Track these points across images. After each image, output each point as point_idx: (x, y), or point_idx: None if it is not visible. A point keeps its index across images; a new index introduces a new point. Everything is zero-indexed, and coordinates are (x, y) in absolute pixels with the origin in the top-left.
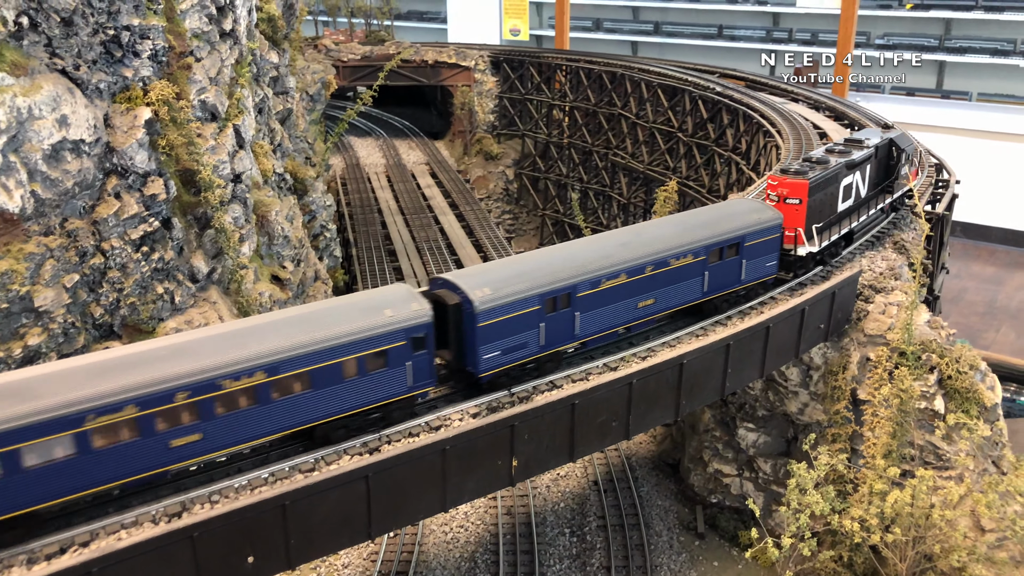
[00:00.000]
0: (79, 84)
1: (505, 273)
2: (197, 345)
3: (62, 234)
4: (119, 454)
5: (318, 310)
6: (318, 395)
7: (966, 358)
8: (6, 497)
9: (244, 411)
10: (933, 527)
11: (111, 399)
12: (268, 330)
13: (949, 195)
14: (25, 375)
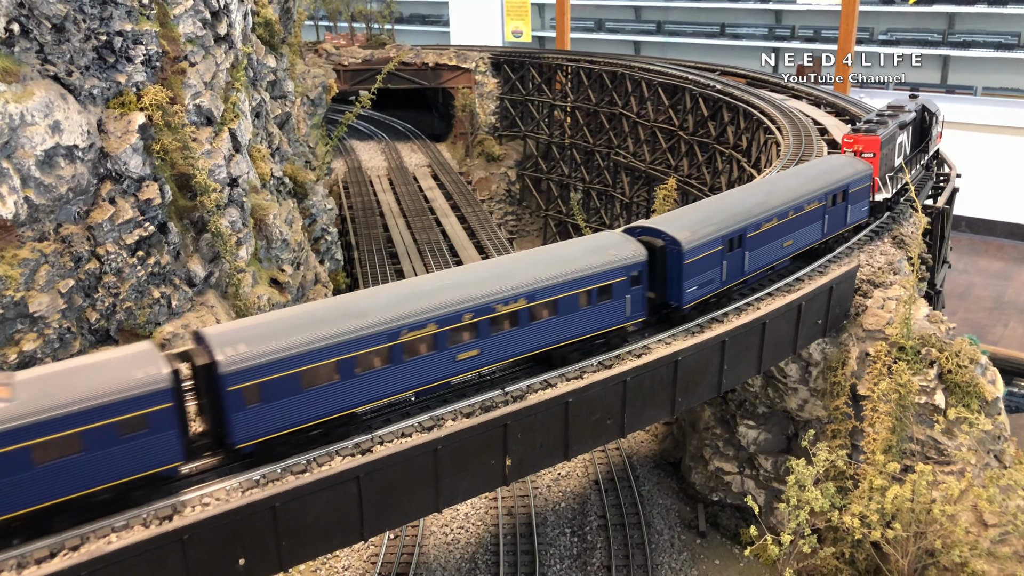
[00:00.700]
0: (72, 90)
1: (695, 218)
2: (477, 276)
3: (56, 239)
4: (420, 364)
5: (557, 251)
6: (560, 321)
7: (966, 352)
8: (341, 398)
9: (508, 332)
10: (934, 522)
11: (418, 318)
12: (526, 265)
13: (950, 189)
14: (356, 299)
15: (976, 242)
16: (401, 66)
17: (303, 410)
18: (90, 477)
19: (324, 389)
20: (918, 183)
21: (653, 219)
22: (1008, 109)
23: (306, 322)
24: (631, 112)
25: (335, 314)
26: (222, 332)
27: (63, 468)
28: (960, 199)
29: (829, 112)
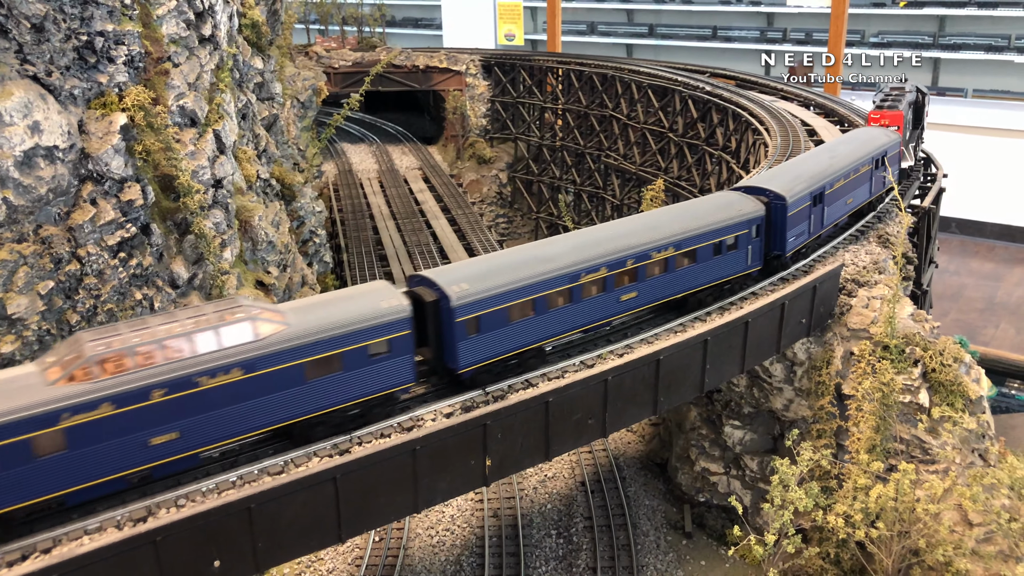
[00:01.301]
0: (52, 90)
1: (789, 176)
2: (632, 228)
3: (36, 241)
4: (592, 304)
5: (690, 207)
6: (698, 268)
7: (950, 351)
8: (535, 332)
9: (659, 276)
10: (918, 521)
11: (593, 262)
12: (669, 219)
13: (936, 189)
14: (543, 246)
15: (967, 243)
16: (392, 69)
17: (508, 341)
18: (345, 393)
19: (524, 323)
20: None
21: (756, 177)
22: (998, 111)
23: (508, 265)
24: (621, 114)
25: (529, 259)
26: (446, 273)
27: (326, 384)
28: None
29: (818, 113)
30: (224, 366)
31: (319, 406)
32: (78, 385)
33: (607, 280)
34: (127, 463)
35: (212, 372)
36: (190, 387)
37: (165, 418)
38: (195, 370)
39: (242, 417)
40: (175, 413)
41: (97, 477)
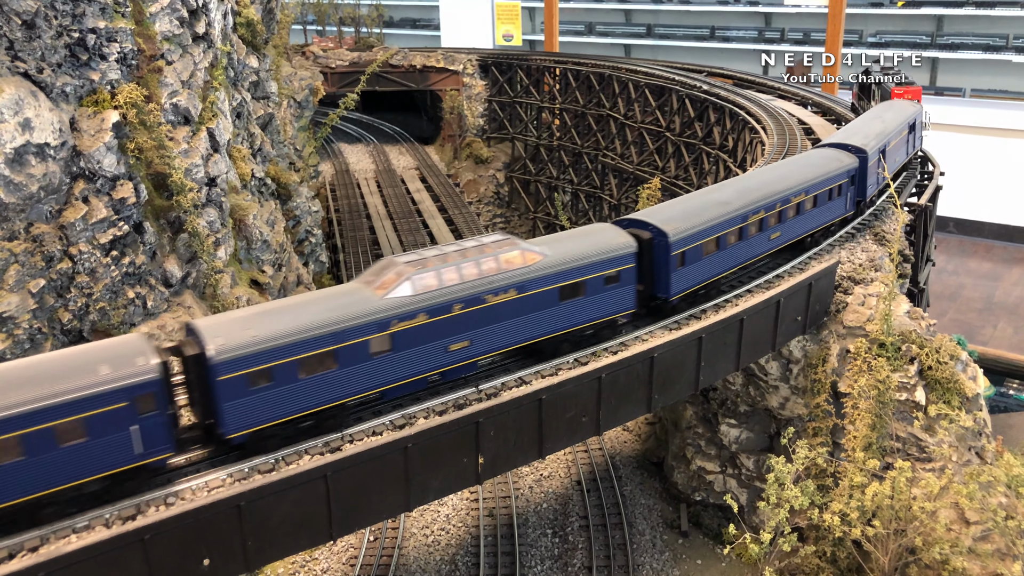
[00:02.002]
0: (43, 87)
1: (861, 136)
2: (772, 178)
3: (27, 239)
4: (750, 243)
5: (801, 161)
6: (817, 211)
7: (946, 348)
8: (713, 267)
9: (795, 218)
10: (914, 519)
11: (760, 203)
12: (792, 171)
13: (933, 186)
14: (716, 192)
15: (965, 243)
16: (389, 68)
17: (702, 273)
18: (586, 314)
19: (711, 257)
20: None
21: (841, 133)
22: (996, 111)
23: (697, 207)
24: (618, 114)
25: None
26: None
27: (572, 306)
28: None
29: (815, 112)
30: (504, 286)
31: (566, 325)
32: (406, 298)
33: (763, 221)
34: (431, 365)
35: (495, 291)
36: (480, 303)
37: (461, 328)
38: (484, 289)
39: (513, 331)
40: (467, 324)
41: (409, 375)
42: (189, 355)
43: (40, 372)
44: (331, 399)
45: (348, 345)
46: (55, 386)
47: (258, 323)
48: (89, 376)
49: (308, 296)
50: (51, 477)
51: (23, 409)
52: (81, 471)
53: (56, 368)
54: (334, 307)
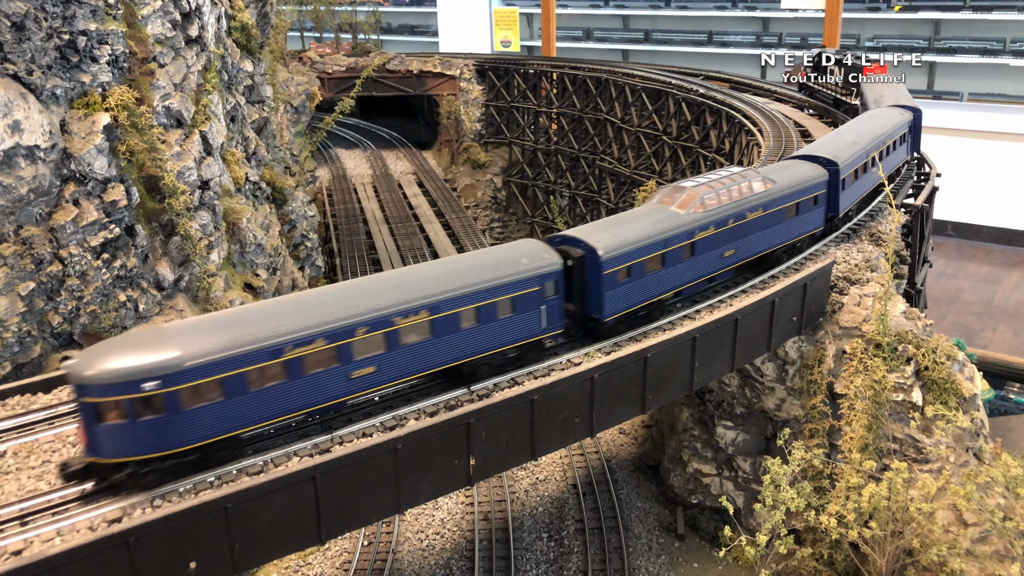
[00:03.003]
0: (33, 89)
1: (835, 148)
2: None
3: (17, 241)
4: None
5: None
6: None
7: (943, 348)
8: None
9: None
10: (911, 521)
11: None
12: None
13: (929, 188)
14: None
15: (964, 247)
16: (386, 73)
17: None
18: (796, 231)
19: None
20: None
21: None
22: (994, 114)
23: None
24: (615, 118)
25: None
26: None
27: (791, 223)
28: (947, 203)
29: (812, 115)
30: (755, 205)
31: (784, 239)
32: (699, 214)
33: (712, 239)
34: (711, 269)
35: (753, 208)
36: (742, 219)
37: (730, 239)
38: (744, 207)
39: (756, 241)
40: (734, 236)
41: (700, 276)
42: (575, 256)
43: (476, 264)
44: (662, 291)
45: (671, 249)
46: (496, 272)
47: (616, 232)
48: (516, 266)
49: (631, 213)
50: (490, 342)
51: (476, 288)
52: (507, 339)
53: (488, 261)
54: (658, 221)
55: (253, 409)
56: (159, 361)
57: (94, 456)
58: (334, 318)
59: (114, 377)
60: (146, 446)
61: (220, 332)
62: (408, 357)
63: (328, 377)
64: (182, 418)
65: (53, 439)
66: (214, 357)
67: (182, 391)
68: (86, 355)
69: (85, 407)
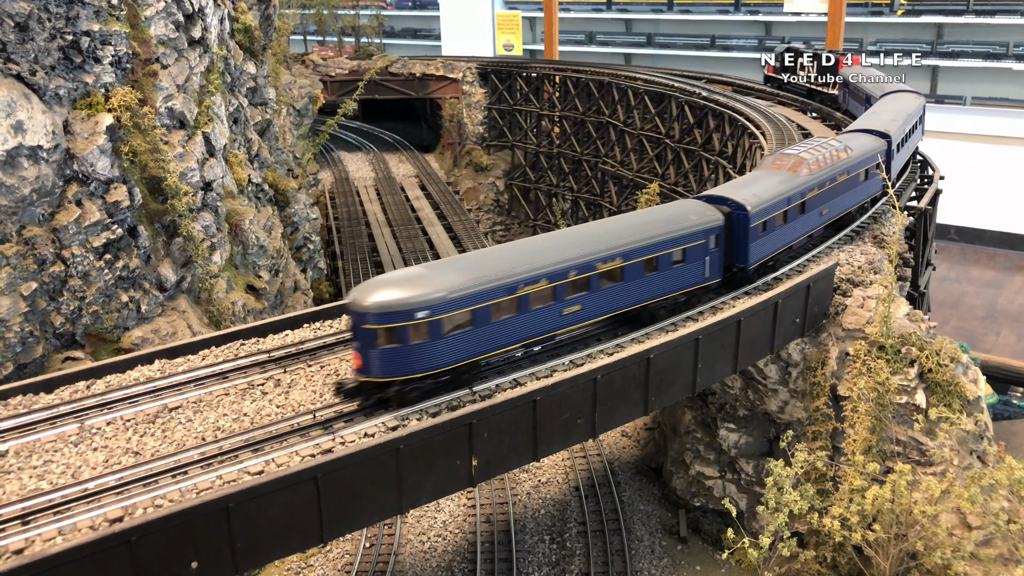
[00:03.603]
0: (36, 90)
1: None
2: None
3: (19, 241)
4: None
5: (898, 104)
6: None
7: (947, 350)
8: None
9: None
10: (915, 524)
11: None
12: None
13: (932, 190)
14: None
15: (967, 251)
16: (389, 77)
17: None
18: (868, 192)
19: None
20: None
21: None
22: (997, 118)
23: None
24: (618, 121)
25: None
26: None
27: (866, 183)
28: (950, 208)
29: (815, 118)
30: (841, 170)
31: (857, 200)
32: (806, 176)
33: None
34: (817, 224)
35: (840, 172)
36: (833, 182)
37: (825, 199)
38: (836, 171)
39: (841, 202)
40: (828, 196)
41: (809, 230)
42: (725, 212)
43: (654, 219)
44: (784, 244)
45: (791, 207)
46: (674, 226)
47: (754, 191)
48: (687, 221)
49: (752, 176)
50: (666, 287)
51: (658, 239)
52: (679, 285)
53: (663, 216)
54: (780, 182)
55: (492, 338)
56: (430, 294)
57: (368, 376)
58: (552, 262)
59: (394, 307)
60: (413, 367)
61: (468, 271)
62: (605, 298)
63: (546, 312)
64: (442, 343)
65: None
66: (468, 291)
67: (444, 320)
68: (363, 289)
69: (365, 333)
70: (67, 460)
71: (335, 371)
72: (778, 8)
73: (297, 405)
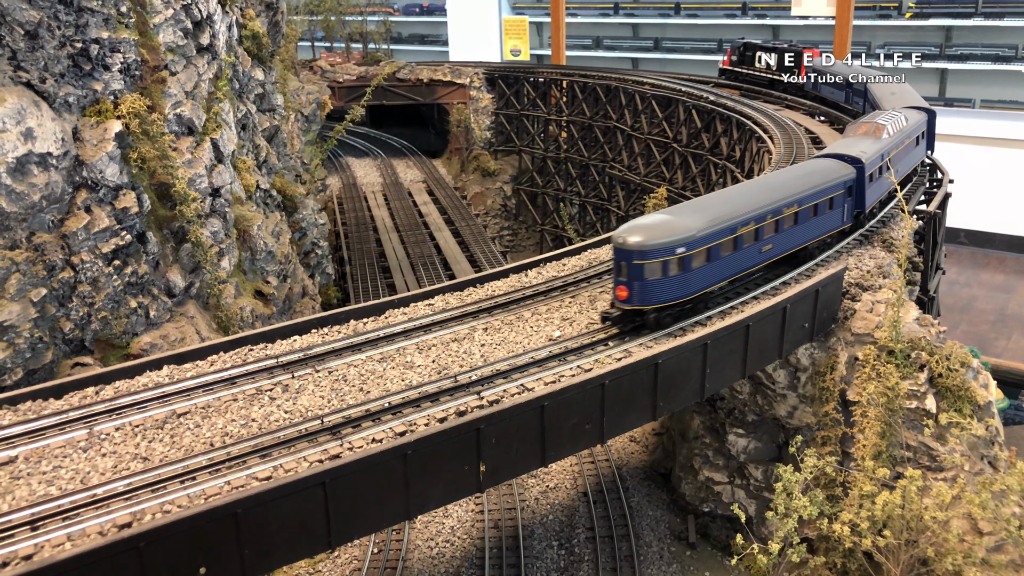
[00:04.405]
0: (46, 97)
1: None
2: None
3: (29, 248)
4: None
5: (912, 94)
6: None
7: (957, 355)
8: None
9: None
10: (926, 530)
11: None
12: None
13: (942, 194)
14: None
15: (977, 255)
16: (396, 82)
17: None
18: (912, 164)
19: None
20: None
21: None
22: (1006, 122)
23: None
24: (625, 125)
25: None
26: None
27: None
28: (960, 211)
29: (823, 122)
30: (905, 138)
31: (912, 165)
32: (886, 140)
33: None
34: (900, 177)
35: (905, 138)
36: (901, 146)
37: (899, 160)
38: (903, 137)
39: (905, 165)
40: (901, 157)
41: (892, 186)
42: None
43: (806, 172)
44: (882, 194)
45: (883, 163)
46: (825, 177)
47: (862, 148)
48: (831, 175)
49: (848, 140)
50: (819, 230)
51: (817, 189)
52: (825, 229)
53: (812, 170)
54: (873, 143)
55: (719, 271)
56: (685, 233)
57: (632, 305)
58: (756, 207)
59: (661, 244)
60: (670, 296)
61: (703, 215)
62: (786, 238)
63: (751, 250)
64: (691, 275)
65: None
66: (707, 231)
67: (693, 255)
68: (630, 231)
69: (633, 268)
70: (76, 465)
71: (343, 376)
72: (785, 12)
73: (305, 410)
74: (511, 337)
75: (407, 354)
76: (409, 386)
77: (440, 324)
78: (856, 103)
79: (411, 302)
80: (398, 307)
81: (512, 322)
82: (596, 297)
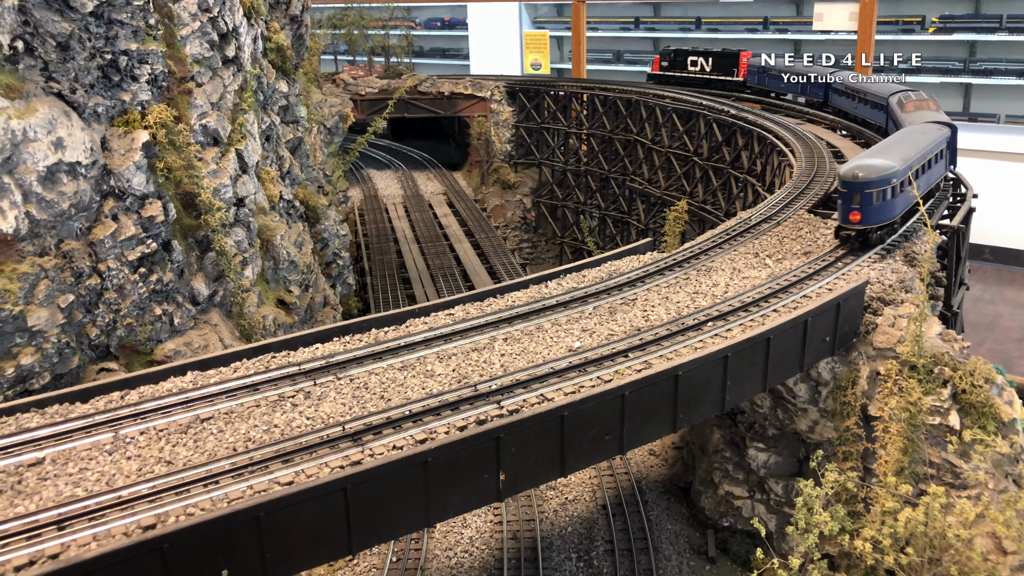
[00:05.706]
0: (76, 107)
1: None
2: None
3: (57, 255)
4: None
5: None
6: None
7: (981, 371)
8: None
9: None
10: (949, 547)
11: None
12: None
13: (965, 208)
14: None
15: (1003, 272)
16: (418, 95)
17: None
18: None
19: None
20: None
21: None
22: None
23: None
24: (646, 139)
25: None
26: None
27: None
28: (985, 228)
29: (844, 136)
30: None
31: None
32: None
33: None
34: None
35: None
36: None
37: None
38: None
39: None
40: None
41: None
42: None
43: (923, 131)
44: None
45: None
46: (937, 135)
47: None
48: (938, 134)
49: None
50: (937, 175)
51: (937, 141)
52: (940, 175)
53: (929, 128)
54: (929, 134)
55: (903, 202)
56: (896, 166)
57: (866, 224)
58: (916, 153)
59: (885, 175)
60: (887, 216)
61: (895, 154)
62: (925, 180)
63: (917, 184)
64: (897, 200)
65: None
66: (903, 167)
67: (898, 185)
68: (858, 168)
69: (865, 195)
70: (101, 468)
71: (364, 384)
72: (807, 26)
73: (327, 417)
74: (531, 347)
75: (427, 363)
76: (429, 395)
77: (460, 334)
78: (878, 118)
79: (432, 312)
80: (419, 316)
81: (532, 332)
82: (616, 309)
